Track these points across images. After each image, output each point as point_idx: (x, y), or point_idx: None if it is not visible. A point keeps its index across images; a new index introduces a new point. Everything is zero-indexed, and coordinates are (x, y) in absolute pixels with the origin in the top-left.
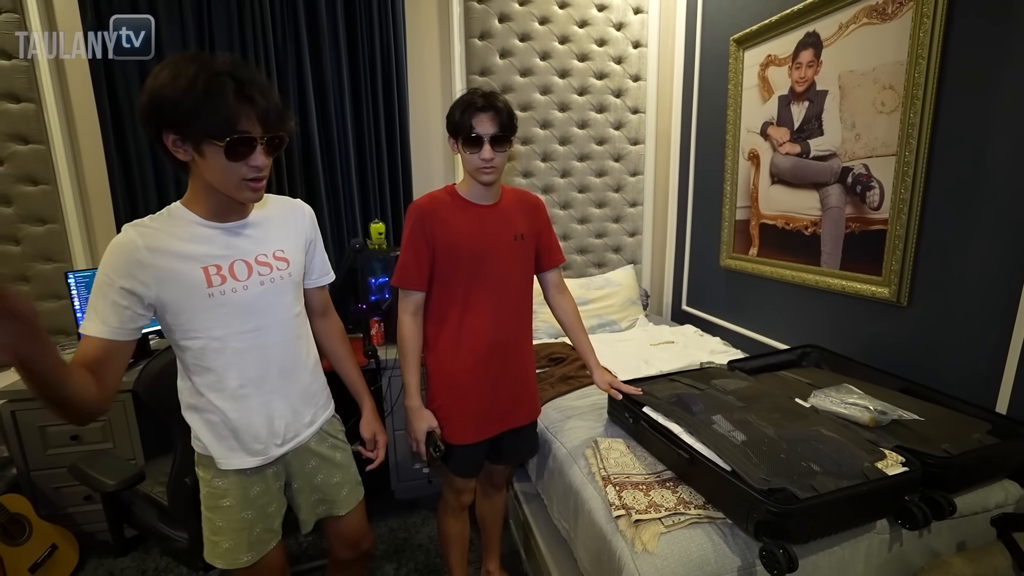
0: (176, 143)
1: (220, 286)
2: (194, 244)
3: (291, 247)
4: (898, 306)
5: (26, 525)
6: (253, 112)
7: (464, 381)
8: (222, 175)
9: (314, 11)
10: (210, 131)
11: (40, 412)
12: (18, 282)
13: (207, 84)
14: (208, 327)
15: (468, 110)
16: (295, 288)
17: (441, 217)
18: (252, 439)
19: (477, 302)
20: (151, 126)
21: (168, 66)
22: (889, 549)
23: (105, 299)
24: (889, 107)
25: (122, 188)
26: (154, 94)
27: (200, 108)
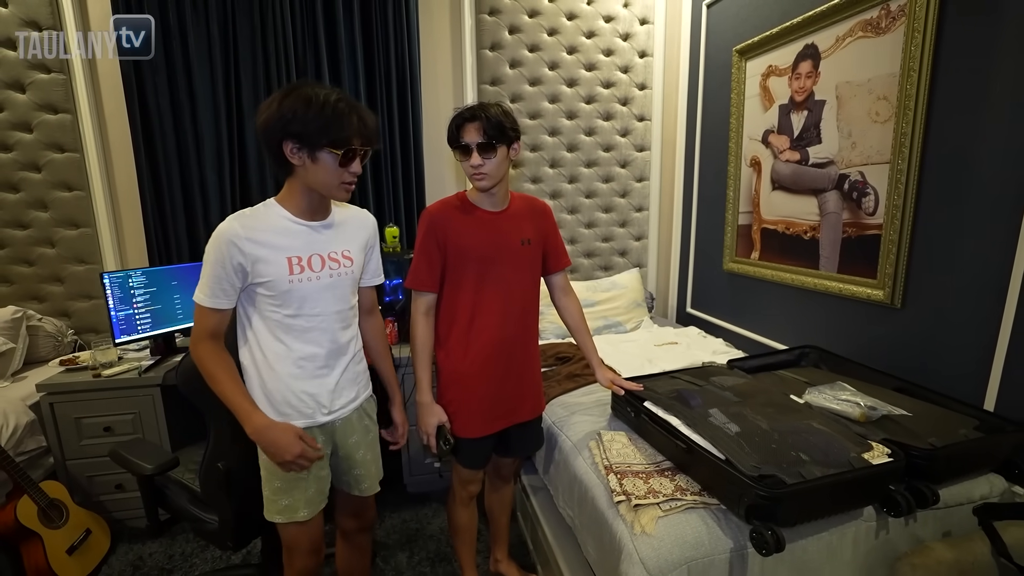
0: (294, 150)
1: (299, 274)
2: (282, 237)
3: (356, 248)
4: (892, 308)
5: (64, 510)
6: (362, 131)
7: (473, 378)
8: (328, 177)
9: (333, 25)
10: (332, 143)
11: (76, 405)
12: (53, 282)
13: (335, 107)
14: (284, 304)
15: (457, 121)
16: (354, 284)
17: (452, 223)
18: (303, 404)
19: (485, 303)
20: (274, 136)
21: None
22: (876, 536)
23: (218, 276)
24: (883, 117)
25: (150, 193)
26: (284, 113)
27: (330, 125)
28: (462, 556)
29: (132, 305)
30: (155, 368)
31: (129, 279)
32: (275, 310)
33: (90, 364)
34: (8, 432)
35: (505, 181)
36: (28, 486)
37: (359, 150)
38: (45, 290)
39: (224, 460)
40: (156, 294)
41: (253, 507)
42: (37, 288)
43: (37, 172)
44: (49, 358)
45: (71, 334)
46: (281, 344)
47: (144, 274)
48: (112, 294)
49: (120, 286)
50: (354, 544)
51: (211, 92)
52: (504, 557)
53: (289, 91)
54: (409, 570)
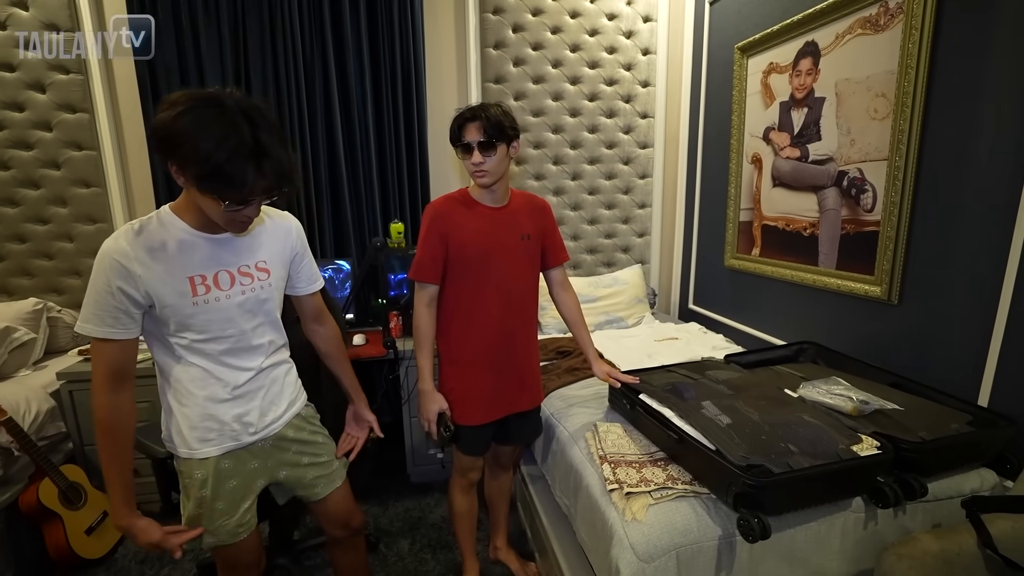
0: (177, 173)
1: (204, 295)
2: (181, 253)
3: (274, 259)
4: (889, 304)
5: (82, 492)
6: (263, 182)
7: (473, 367)
8: (215, 213)
9: (339, 25)
10: (220, 194)
11: None
12: (71, 276)
13: (231, 158)
14: (192, 328)
15: (459, 121)
16: (274, 297)
17: (454, 217)
18: (226, 428)
19: (485, 296)
20: (159, 149)
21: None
22: (864, 527)
23: (104, 303)
24: (881, 114)
25: (164, 189)
26: (171, 135)
27: (216, 176)
28: (462, 542)
29: None
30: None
31: None
32: (182, 335)
33: None
34: (30, 417)
35: (506, 178)
36: (49, 469)
37: (255, 200)
38: (64, 283)
39: None
40: None
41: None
42: (57, 281)
43: (56, 169)
44: (68, 348)
45: None
46: (196, 368)
47: None
48: None
49: None
50: (348, 546)
51: None
52: (503, 545)
53: (190, 109)
54: (410, 556)
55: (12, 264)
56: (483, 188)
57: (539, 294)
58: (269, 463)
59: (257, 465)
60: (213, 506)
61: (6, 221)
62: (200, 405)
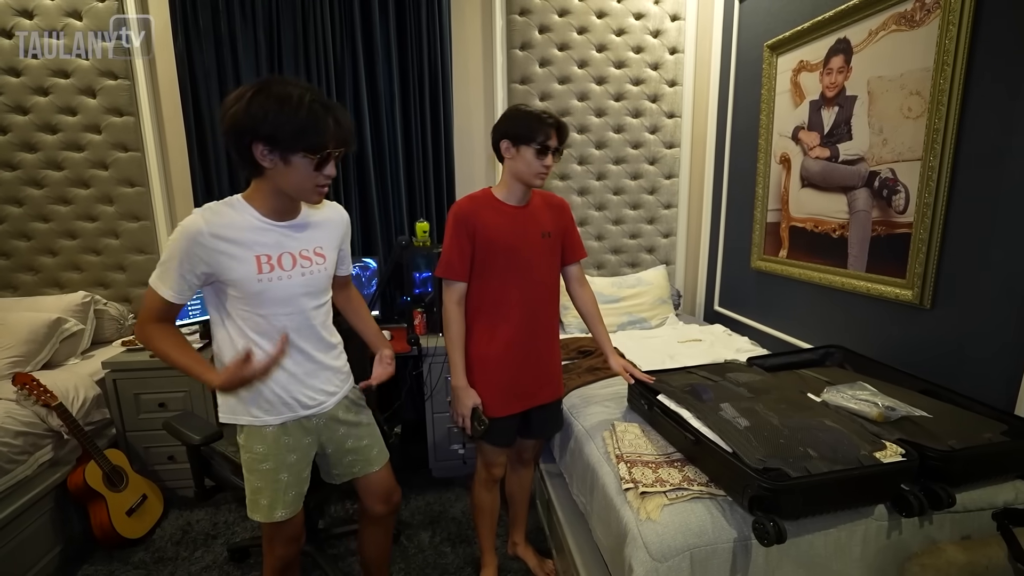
0: (264, 153)
1: (268, 273)
2: (251, 234)
3: (327, 245)
4: (921, 309)
5: (124, 476)
6: (338, 133)
7: (497, 362)
8: (301, 181)
9: (369, 29)
10: (308, 147)
11: (135, 381)
12: (117, 271)
13: (311, 108)
14: (256, 305)
15: (542, 125)
16: (328, 280)
17: (480, 216)
18: (280, 402)
19: (510, 292)
20: (243, 137)
21: (264, 91)
22: (887, 536)
23: (174, 269)
24: (915, 112)
25: (202, 189)
26: (254, 112)
27: (305, 129)
28: (482, 537)
29: None
30: (204, 351)
31: None
32: (247, 310)
33: None
34: (78, 404)
35: None
36: (94, 452)
37: (334, 153)
38: (110, 277)
39: None
40: None
41: None
42: (103, 275)
43: (105, 170)
44: (113, 339)
45: (132, 318)
46: (255, 344)
47: None
48: None
49: None
50: (379, 526)
51: None
52: (522, 541)
53: (260, 88)
54: (430, 549)
55: (64, 259)
56: (534, 188)
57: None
58: (321, 439)
59: (310, 441)
60: (277, 477)
61: (59, 219)
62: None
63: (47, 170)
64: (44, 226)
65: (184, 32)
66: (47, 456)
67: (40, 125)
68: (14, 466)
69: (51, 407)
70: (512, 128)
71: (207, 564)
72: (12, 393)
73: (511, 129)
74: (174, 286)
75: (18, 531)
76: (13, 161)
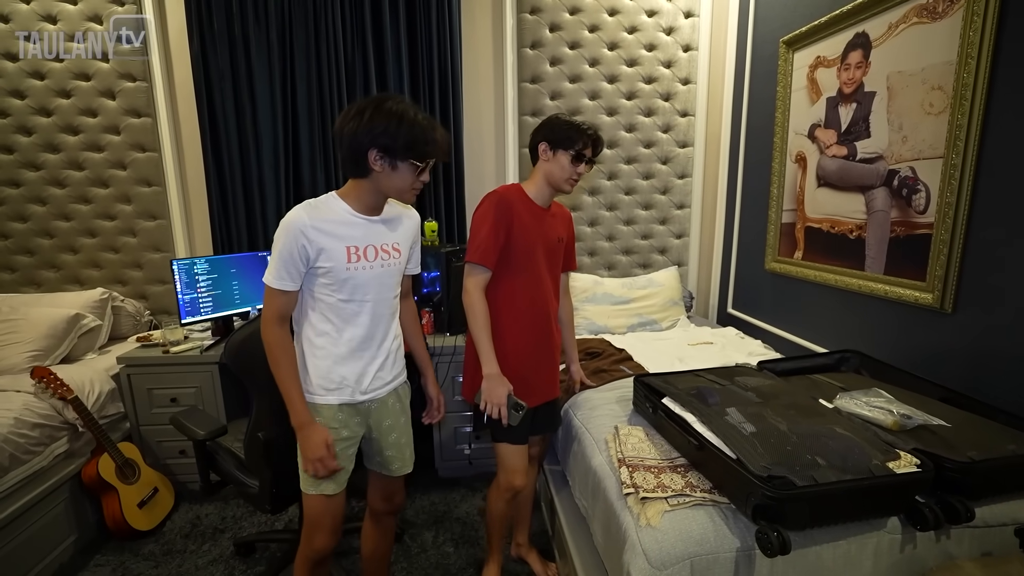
0: (377, 158)
1: (355, 263)
2: (344, 228)
3: (403, 242)
4: (942, 313)
5: (136, 469)
6: (441, 146)
7: (511, 354)
8: (402, 184)
9: (380, 31)
10: (416, 156)
11: (148, 377)
12: (134, 268)
13: (421, 125)
14: (340, 291)
15: (582, 134)
16: (400, 273)
17: (517, 209)
18: (342, 383)
19: (525, 288)
20: (361, 145)
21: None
22: (901, 550)
23: (286, 260)
24: (937, 108)
25: (216, 189)
26: (374, 125)
27: (417, 140)
28: (492, 541)
29: (196, 290)
30: (214, 347)
31: (194, 266)
32: (330, 294)
33: (160, 341)
34: (93, 397)
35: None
36: (108, 445)
37: (432, 163)
38: (127, 275)
39: (264, 431)
40: (217, 280)
41: (288, 476)
42: (121, 273)
43: (123, 170)
44: (129, 335)
45: (148, 314)
46: (330, 325)
47: (207, 262)
48: (179, 279)
49: (186, 272)
50: (380, 525)
51: (270, 96)
52: (525, 542)
53: (377, 105)
54: (433, 549)
55: (84, 257)
56: (563, 193)
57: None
58: (370, 422)
59: (360, 421)
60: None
61: (80, 217)
62: (329, 358)
63: (69, 170)
64: (66, 224)
65: (199, 34)
66: (63, 448)
67: (63, 127)
68: (31, 457)
69: (67, 400)
70: (552, 133)
71: (213, 558)
72: (30, 386)
73: (551, 134)
74: (283, 276)
75: (34, 519)
76: (37, 161)
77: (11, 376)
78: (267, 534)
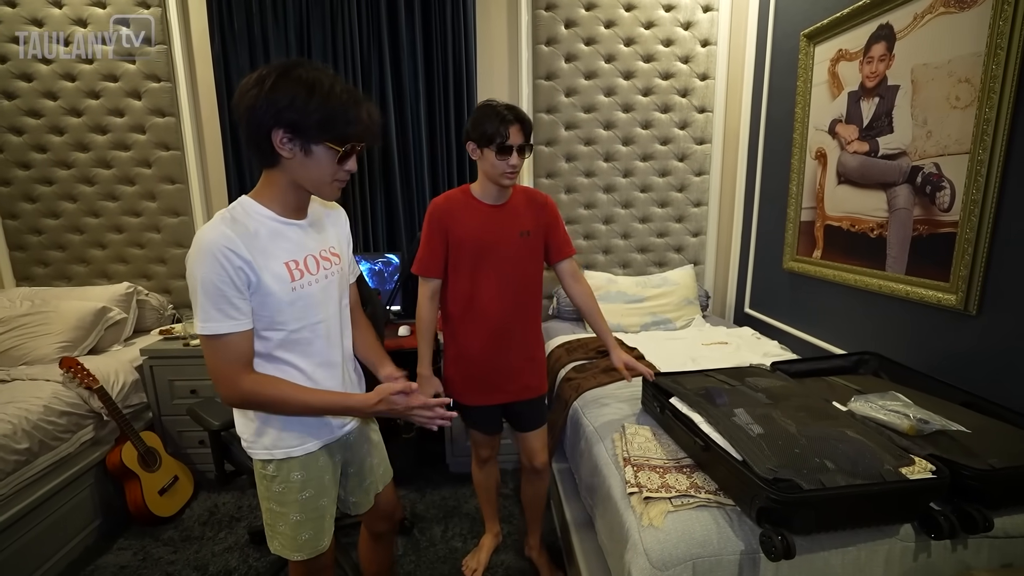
0: (284, 141)
1: (300, 280)
2: (274, 240)
3: (340, 244)
4: (966, 315)
5: (158, 457)
6: (368, 127)
7: (471, 354)
8: (319, 174)
9: (395, 28)
10: (334, 137)
11: (169, 369)
12: (158, 263)
13: (341, 98)
14: (287, 320)
15: (502, 122)
16: (345, 282)
17: (454, 214)
18: (320, 421)
19: (483, 289)
20: (263, 123)
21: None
22: (914, 559)
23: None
24: (964, 102)
25: (236, 187)
26: (278, 97)
27: (335, 117)
28: (482, 507)
29: None
30: None
31: None
32: (278, 328)
33: (181, 335)
34: (118, 387)
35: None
36: (131, 434)
37: (358, 147)
38: (152, 270)
39: None
40: None
41: None
42: (146, 268)
43: (148, 168)
44: (152, 328)
45: (171, 308)
46: (287, 364)
47: None
48: None
49: None
50: (382, 542)
51: None
52: (537, 544)
53: (283, 71)
54: (442, 543)
55: (111, 252)
56: (504, 188)
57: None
58: (346, 456)
59: (338, 459)
60: (319, 504)
61: (107, 214)
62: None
63: (97, 168)
64: (94, 221)
65: (220, 34)
66: (88, 435)
67: (92, 126)
68: (58, 443)
69: (93, 390)
70: (473, 130)
71: (229, 545)
72: (59, 376)
73: (473, 131)
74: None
75: (61, 503)
76: (68, 160)
77: (42, 366)
78: None
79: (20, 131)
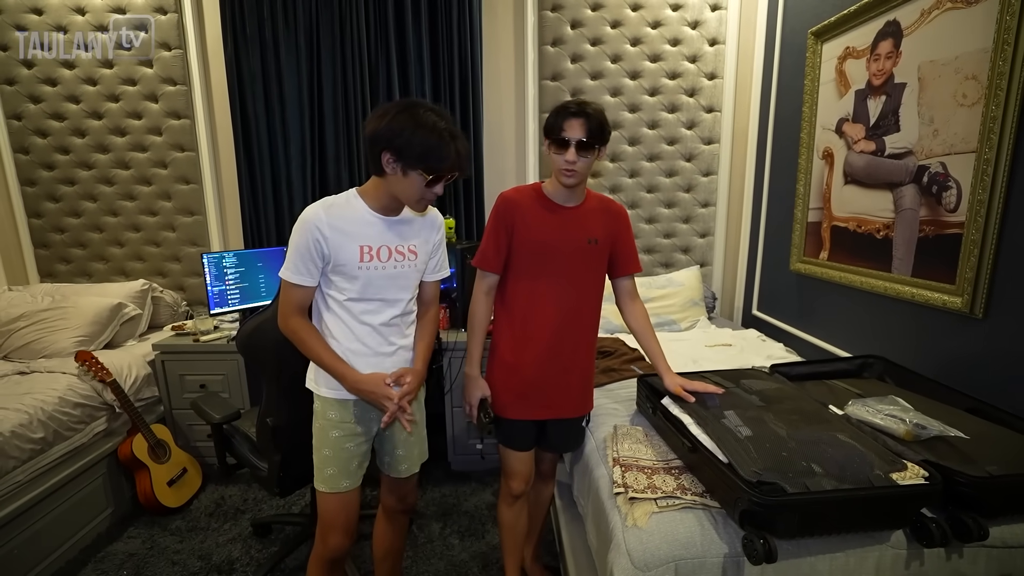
0: (390, 161)
1: (367, 262)
2: (359, 227)
3: (421, 245)
4: (972, 318)
5: (167, 449)
6: (456, 161)
7: (518, 363)
8: (411, 192)
9: (402, 32)
10: (428, 167)
11: (180, 363)
12: (173, 261)
13: (440, 135)
14: (350, 289)
15: (561, 114)
16: (416, 276)
17: (523, 210)
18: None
19: (541, 295)
20: (377, 144)
21: (407, 111)
22: (906, 566)
23: (302, 256)
24: (971, 99)
25: (247, 186)
26: (392, 127)
27: (430, 152)
28: (505, 554)
29: (224, 282)
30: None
31: (223, 260)
32: (341, 292)
33: (192, 331)
34: (130, 381)
35: (585, 179)
36: (142, 426)
37: (447, 176)
38: (167, 267)
39: (272, 417)
40: (244, 273)
41: (295, 460)
42: (161, 265)
43: (164, 168)
44: (167, 324)
45: (184, 305)
46: (342, 323)
47: (235, 255)
48: (209, 272)
49: (216, 265)
50: (394, 523)
51: (298, 97)
52: (530, 556)
53: (403, 108)
54: (440, 540)
55: (129, 250)
56: (568, 188)
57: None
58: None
59: (375, 417)
60: (344, 446)
61: (125, 213)
62: (342, 354)
63: (116, 169)
64: (113, 220)
65: (233, 39)
66: (101, 427)
67: (112, 128)
68: (72, 434)
69: (106, 383)
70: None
71: (233, 536)
72: (75, 369)
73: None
74: (301, 271)
75: (74, 492)
76: (89, 161)
77: (60, 359)
78: (283, 516)
79: (45, 133)
